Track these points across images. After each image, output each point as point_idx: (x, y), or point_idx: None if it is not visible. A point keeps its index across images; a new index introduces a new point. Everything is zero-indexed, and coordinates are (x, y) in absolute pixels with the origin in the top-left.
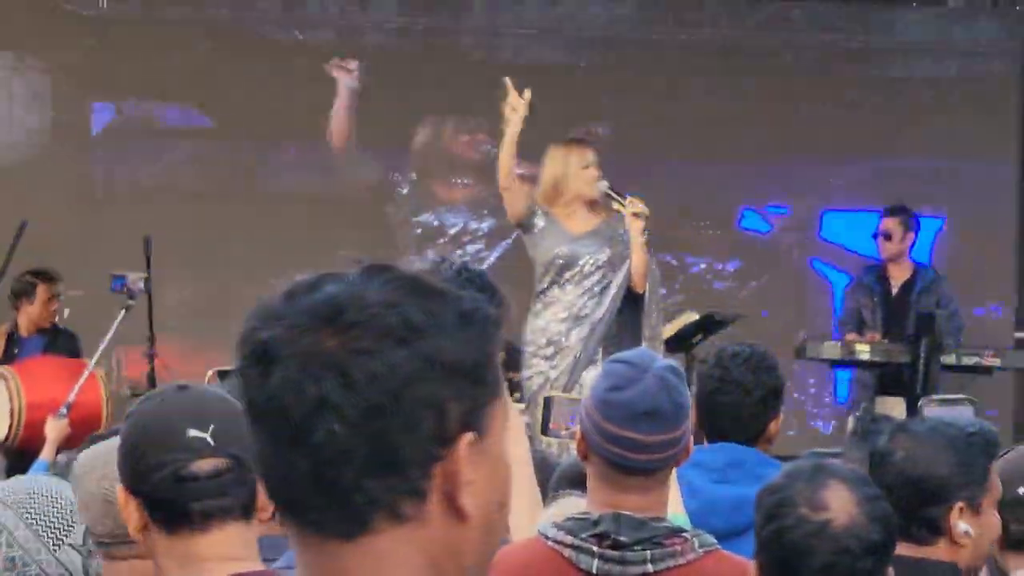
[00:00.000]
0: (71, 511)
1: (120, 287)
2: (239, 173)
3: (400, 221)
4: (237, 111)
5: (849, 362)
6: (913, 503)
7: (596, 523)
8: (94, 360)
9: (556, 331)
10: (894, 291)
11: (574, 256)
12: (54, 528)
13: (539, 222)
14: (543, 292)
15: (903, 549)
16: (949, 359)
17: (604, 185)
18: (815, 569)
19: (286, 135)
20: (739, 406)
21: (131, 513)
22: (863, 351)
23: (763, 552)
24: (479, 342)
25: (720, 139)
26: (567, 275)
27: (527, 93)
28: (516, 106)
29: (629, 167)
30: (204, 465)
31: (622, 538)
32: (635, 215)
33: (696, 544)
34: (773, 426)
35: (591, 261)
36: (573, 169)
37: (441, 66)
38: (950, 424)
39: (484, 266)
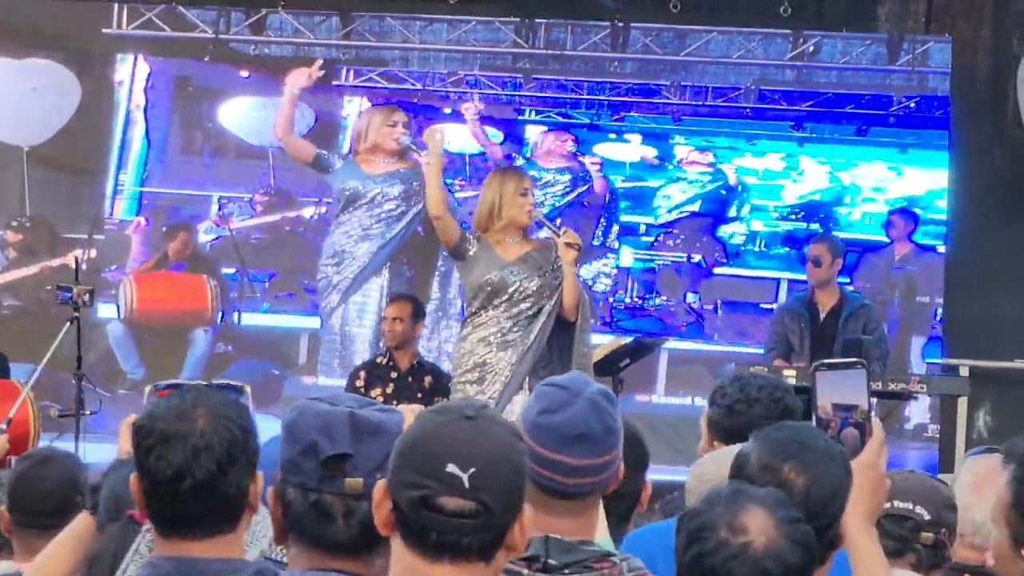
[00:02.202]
0: (258, 534)
1: (67, 299)
2: None
3: (338, 188)
4: None
5: None
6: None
7: (526, 546)
8: (37, 371)
9: (482, 354)
10: (822, 317)
11: (504, 283)
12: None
13: (471, 248)
14: (472, 316)
15: None
16: (875, 385)
17: (539, 213)
18: None
19: None
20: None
21: (383, 510)
22: (790, 376)
23: None
24: None
25: None
26: (496, 300)
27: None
28: (434, 132)
29: None
30: (451, 502)
31: (552, 561)
32: (568, 245)
33: (625, 568)
34: None
35: (520, 289)
36: (509, 196)
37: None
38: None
39: (399, 223)
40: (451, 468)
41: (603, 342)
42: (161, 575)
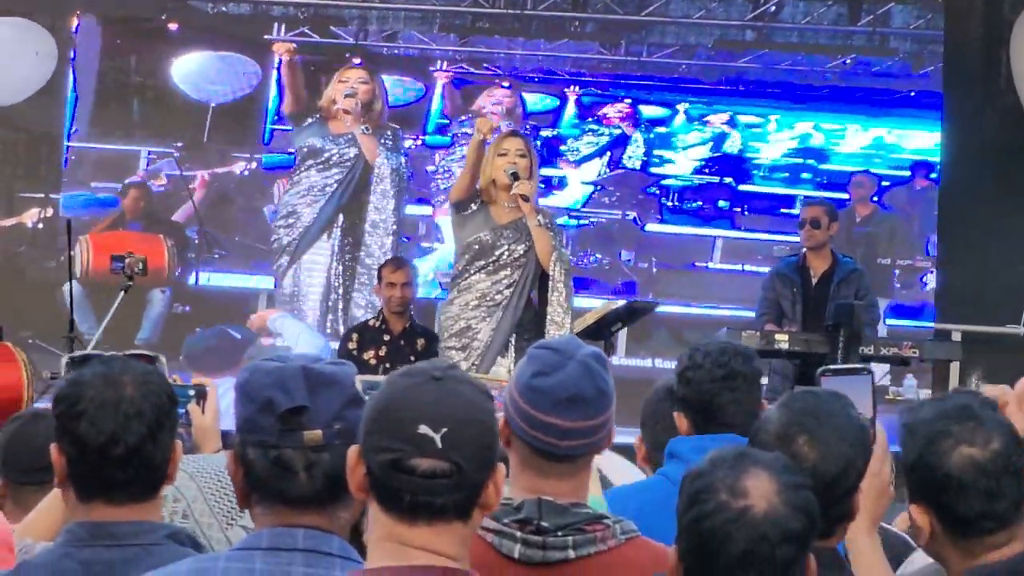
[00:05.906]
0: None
1: (120, 268)
2: None
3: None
4: None
5: (768, 352)
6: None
7: (518, 508)
8: (96, 337)
9: (468, 318)
10: (813, 282)
11: (492, 244)
12: (230, 508)
13: (473, 206)
14: (458, 277)
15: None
16: (868, 349)
17: (510, 170)
18: (733, 555)
19: None
20: (745, 399)
21: (357, 474)
22: (782, 341)
23: (683, 538)
24: None
25: None
26: (480, 263)
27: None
28: (480, 127)
29: None
30: (424, 463)
31: (544, 524)
32: (521, 197)
33: (618, 531)
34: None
35: (507, 252)
36: (490, 156)
37: None
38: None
39: (349, 186)
40: (423, 429)
41: (595, 305)
42: (76, 539)
